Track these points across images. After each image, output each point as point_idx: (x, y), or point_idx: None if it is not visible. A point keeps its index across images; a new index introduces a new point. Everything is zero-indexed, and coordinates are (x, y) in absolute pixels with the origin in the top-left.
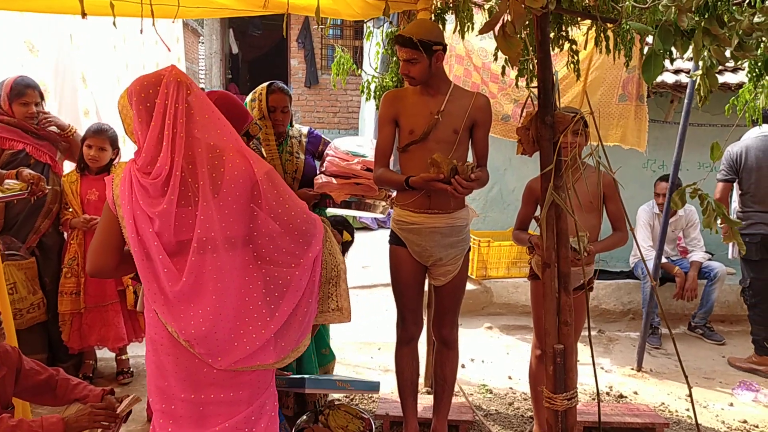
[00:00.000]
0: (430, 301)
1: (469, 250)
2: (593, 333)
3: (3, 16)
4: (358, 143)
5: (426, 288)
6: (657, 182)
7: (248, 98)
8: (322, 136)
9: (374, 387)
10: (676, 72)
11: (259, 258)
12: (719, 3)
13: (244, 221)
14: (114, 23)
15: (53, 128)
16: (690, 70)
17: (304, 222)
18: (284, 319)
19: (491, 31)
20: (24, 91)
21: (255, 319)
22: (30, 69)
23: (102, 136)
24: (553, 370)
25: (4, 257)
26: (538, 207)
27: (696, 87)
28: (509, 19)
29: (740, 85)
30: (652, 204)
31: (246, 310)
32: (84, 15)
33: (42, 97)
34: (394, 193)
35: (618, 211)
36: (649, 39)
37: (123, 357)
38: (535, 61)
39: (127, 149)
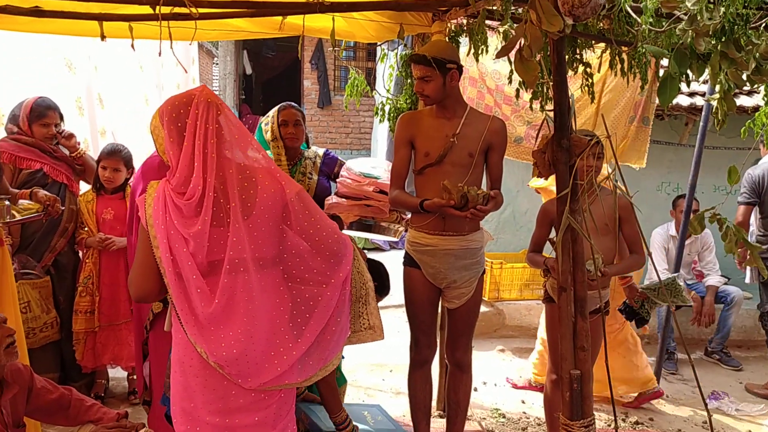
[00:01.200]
0: (443, 324)
1: (484, 272)
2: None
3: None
4: (372, 165)
5: (439, 310)
6: (677, 200)
7: (262, 122)
8: (339, 157)
9: None
10: (691, 95)
11: (288, 278)
12: (736, 27)
13: (273, 242)
14: (132, 45)
15: (63, 149)
16: (705, 93)
17: (335, 242)
18: (313, 338)
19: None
20: (45, 112)
21: (285, 340)
22: (68, 86)
23: (116, 156)
24: (570, 397)
25: (19, 276)
26: (553, 229)
27: (713, 110)
28: (526, 43)
29: (756, 108)
30: (666, 227)
31: (276, 330)
32: (103, 37)
33: (62, 118)
34: (409, 215)
35: (634, 234)
36: (664, 62)
37: (134, 377)
38: (550, 83)
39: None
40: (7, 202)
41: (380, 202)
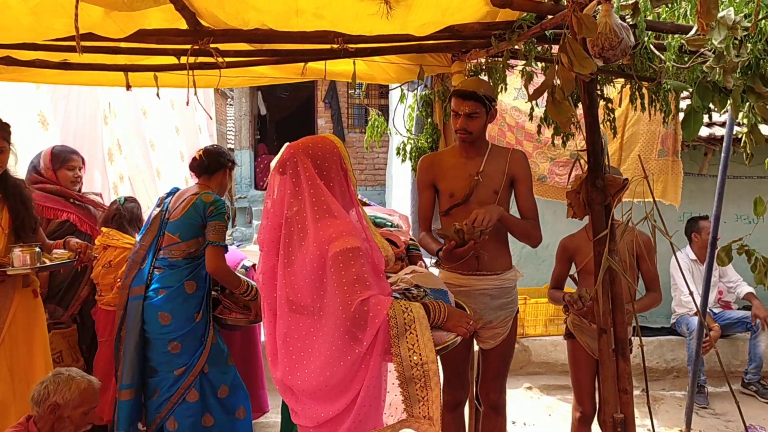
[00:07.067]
0: (472, 364)
1: (518, 311)
2: (636, 392)
3: (18, 90)
4: (384, 212)
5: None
6: (692, 223)
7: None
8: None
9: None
10: (710, 125)
11: (325, 333)
12: (762, 62)
13: (310, 291)
14: (158, 94)
15: (94, 197)
16: (725, 123)
17: (358, 310)
18: (341, 405)
19: (522, 89)
20: (70, 156)
21: (319, 395)
22: (40, 141)
23: None
24: None
25: (51, 326)
26: (573, 265)
27: (742, 145)
28: (558, 86)
29: None
30: (685, 252)
31: (309, 382)
32: (129, 87)
33: (84, 162)
34: (429, 259)
35: (652, 272)
36: (684, 93)
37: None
38: (573, 120)
39: None
40: (37, 249)
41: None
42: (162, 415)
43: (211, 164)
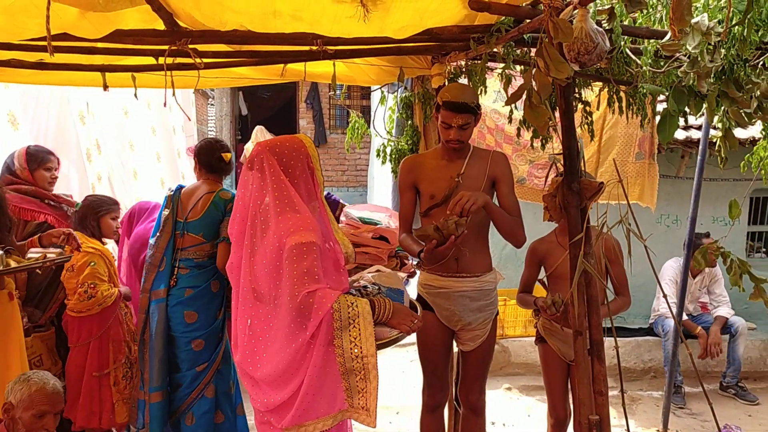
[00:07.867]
0: (451, 366)
1: (497, 314)
2: (614, 393)
3: None
4: (372, 210)
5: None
6: (696, 238)
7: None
8: (340, 200)
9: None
10: (687, 128)
11: (279, 321)
12: (735, 66)
13: (268, 281)
14: (135, 95)
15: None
16: (701, 126)
17: (303, 302)
18: (290, 389)
19: (501, 92)
20: (46, 157)
21: (272, 380)
22: (10, 141)
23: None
24: None
25: (31, 330)
26: (542, 269)
27: (717, 148)
28: (534, 90)
29: (752, 141)
30: (678, 261)
31: (266, 367)
32: (106, 87)
33: (59, 162)
34: (411, 260)
35: (621, 276)
36: (660, 97)
37: None
38: (551, 123)
39: None
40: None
41: (379, 249)
42: (181, 409)
43: (226, 168)
